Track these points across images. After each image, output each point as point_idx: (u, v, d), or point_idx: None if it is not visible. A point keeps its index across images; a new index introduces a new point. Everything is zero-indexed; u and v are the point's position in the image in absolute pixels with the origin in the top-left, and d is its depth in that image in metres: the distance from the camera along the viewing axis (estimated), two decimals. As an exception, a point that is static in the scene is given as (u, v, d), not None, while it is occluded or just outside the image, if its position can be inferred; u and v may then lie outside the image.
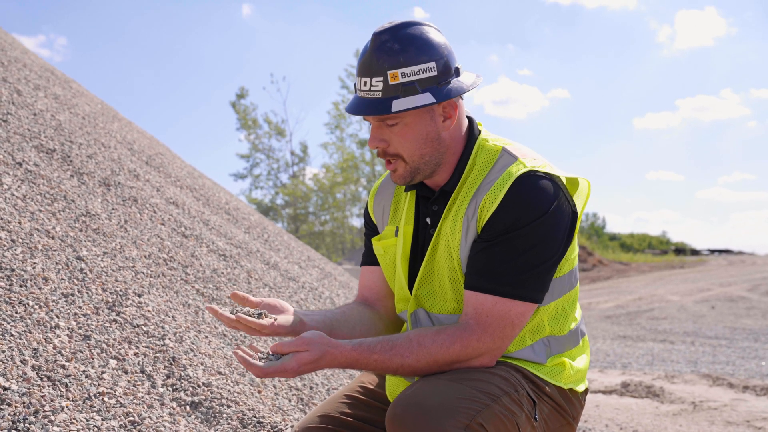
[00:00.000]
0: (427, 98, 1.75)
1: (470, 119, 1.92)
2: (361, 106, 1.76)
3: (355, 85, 1.83)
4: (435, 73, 1.76)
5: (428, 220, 1.91)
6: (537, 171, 1.77)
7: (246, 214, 4.94)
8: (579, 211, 1.86)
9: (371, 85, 1.74)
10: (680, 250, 37.40)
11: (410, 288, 1.95)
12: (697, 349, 7.74)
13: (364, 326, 2.03)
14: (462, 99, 1.88)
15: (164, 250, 3.09)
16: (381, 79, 1.73)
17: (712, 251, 38.93)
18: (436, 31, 1.82)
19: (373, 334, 2.02)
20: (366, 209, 2.13)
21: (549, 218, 1.73)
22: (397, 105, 1.72)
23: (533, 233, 1.72)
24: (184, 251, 3.23)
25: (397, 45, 1.74)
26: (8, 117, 3.33)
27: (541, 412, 1.82)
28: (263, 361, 1.66)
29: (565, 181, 1.84)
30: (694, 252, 37.88)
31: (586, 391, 2.02)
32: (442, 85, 1.77)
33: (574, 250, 1.88)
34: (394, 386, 2.05)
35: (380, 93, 1.73)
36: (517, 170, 1.75)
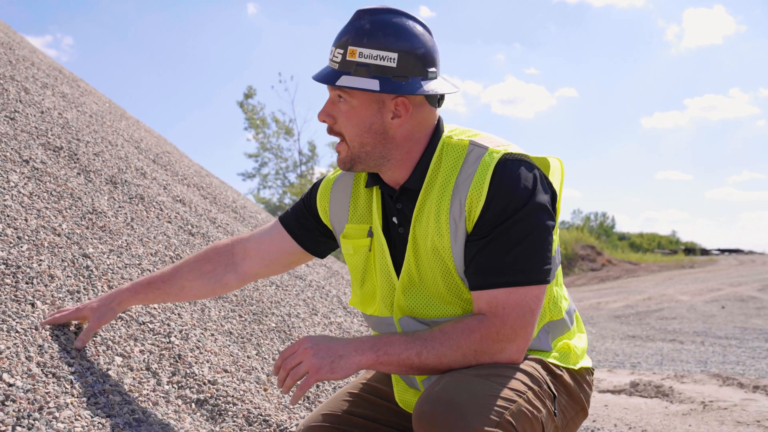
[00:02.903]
0: (371, 84, 1.72)
1: (439, 119, 1.88)
2: (319, 73, 1.78)
3: None
4: (393, 65, 1.72)
5: (395, 219, 1.88)
6: (511, 155, 1.76)
7: (253, 212, 4.93)
8: (558, 189, 1.85)
9: (333, 55, 1.76)
10: (690, 249, 37.23)
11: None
12: (707, 349, 7.69)
13: (194, 289, 2.12)
14: (439, 105, 1.85)
15: (171, 247, 3.09)
16: (342, 51, 1.74)
17: (722, 251, 38.73)
18: (423, 31, 1.78)
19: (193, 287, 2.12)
20: (314, 193, 2.08)
21: (536, 198, 1.72)
22: (343, 80, 1.72)
23: (526, 217, 1.71)
24: (191, 249, 3.22)
25: (368, 25, 1.73)
26: (15, 115, 3.34)
27: (559, 405, 1.81)
28: None
29: (533, 160, 1.83)
30: (704, 252, 37.70)
31: (593, 371, 2.02)
32: (398, 79, 1.73)
33: (556, 231, 1.87)
34: (403, 392, 2.02)
35: (337, 65, 1.75)
36: (491, 159, 1.74)
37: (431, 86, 1.77)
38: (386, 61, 1.72)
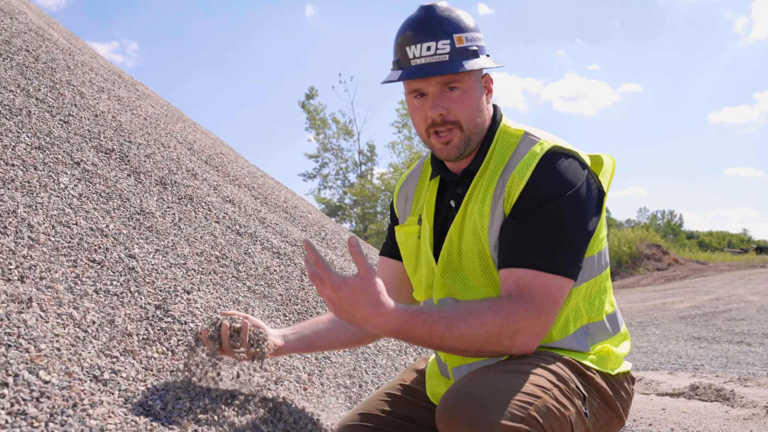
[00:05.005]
0: (490, 62, 1.80)
1: (494, 105, 1.94)
2: (431, 68, 1.75)
3: (398, 60, 1.81)
4: (484, 44, 1.83)
5: (452, 202, 1.91)
6: (562, 149, 1.77)
7: (304, 212, 4.96)
8: (606, 187, 1.85)
9: (437, 48, 1.75)
10: (762, 248, 35.89)
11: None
12: (776, 352, 7.39)
13: (350, 332, 2.11)
14: None
15: (217, 247, 3.12)
16: (448, 41, 1.75)
17: (797, 250, 37.19)
18: None
19: (360, 337, 2.13)
20: (392, 200, 2.16)
21: (577, 192, 1.72)
22: (470, 64, 1.75)
23: (563, 207, 1.70)
24: (238, 249, 3.25)
25: (453, 14, 1.78)
26: (70, 118, 3.43)
27: (591, 407, 1.77)
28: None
29: (588, 160, 1.85)
30: (778, 251, 36.26)
31: (633, 379, 1.97)
32: (489, 56, 1.83)
33: (602, 231, 1.87)
34: (435, 386, 2.02)
35: (447, 55, 1.75)
36: (541, 149, 1.76)
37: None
38: (481, 42, 1.82)
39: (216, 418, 1.94)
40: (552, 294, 1.69)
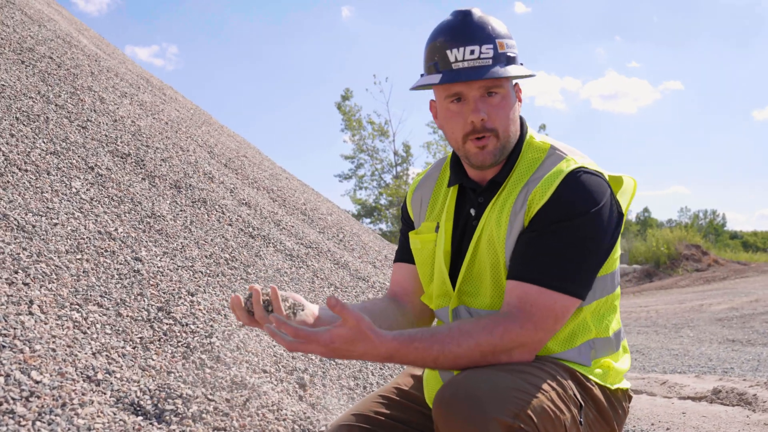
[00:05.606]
0: (527, 70, 1.79)
1: (520, 116, 1.93)
2: (476, 71, 1.74)
3: (436, 64, 1.79)
4: (518, 53, 1.82)
5: (472, 211, 1.90)
6: (587, 168, 1.76)
7: (324, 214, 5.00)
8: (624, 209, 1.84)
9: (481, 52, 1.74)
10: (808, 248, 34.99)
11: (453, 283, 1.93)
12: (812, 356, 7.22)
13: (387, 321, 2.03)
14: None
15: (227, 249, 3.17)
16: (491, 46, 1.74)
17: None
18: None
19: (395, 329, 2.02)
20: (404, 203, 2.13)
21: (598, 214, 1.70)
22: (513, 70, 1.75)
23: (582, 227, 1.69)
24: (249, 251, 3.30)
25: (492, 20, 1.79)
26: (88, 124, 3.51)
27: (586, 417, 1.77)
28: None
29: (608, 179, 1.82)
30: (825, 251, 35.32)
31: (630, 397, 1.96)
32: (523, 65, 1.83)
33: (617, 251, 1.85)
34: (434, 390, 2.02)
35: (490, 60, 1.74)
36: (567, 166, 1.75)
37: None
38: (516, 49, 1.82)
39: (210, 418, 1.98)
40: (554, 312, 1.68)
